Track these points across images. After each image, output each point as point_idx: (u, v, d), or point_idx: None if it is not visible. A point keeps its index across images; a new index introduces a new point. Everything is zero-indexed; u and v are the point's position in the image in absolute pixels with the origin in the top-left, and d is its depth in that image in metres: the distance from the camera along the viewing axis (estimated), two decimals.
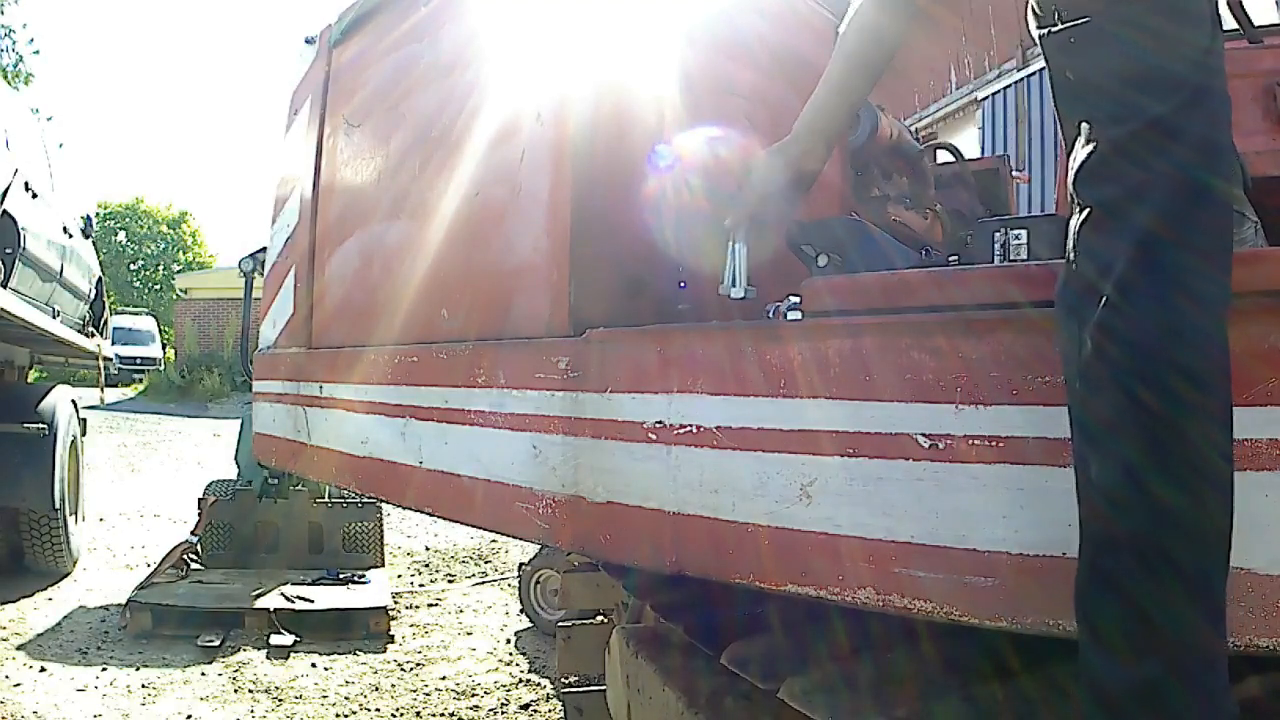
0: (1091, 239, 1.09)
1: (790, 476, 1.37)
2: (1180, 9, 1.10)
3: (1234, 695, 1.03)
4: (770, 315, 1.58)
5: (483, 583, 6.25)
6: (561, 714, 3.61)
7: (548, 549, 4.40)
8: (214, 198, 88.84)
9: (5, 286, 4.85)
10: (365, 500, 5.75)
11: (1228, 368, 1.01)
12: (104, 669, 4.24)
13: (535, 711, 4.00)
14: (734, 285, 1.59)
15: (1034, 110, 8.83)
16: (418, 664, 4.55)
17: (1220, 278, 1.04)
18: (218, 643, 4.59)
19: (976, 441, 1.20)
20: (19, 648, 4.50)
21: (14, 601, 5.23)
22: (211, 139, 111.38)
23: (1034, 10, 1.24)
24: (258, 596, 4.99)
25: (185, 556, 5.47)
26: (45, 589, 5.56)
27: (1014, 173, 3.97)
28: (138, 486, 9.80)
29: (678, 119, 1.90)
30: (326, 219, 2.81)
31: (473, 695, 4.17)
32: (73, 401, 6.27)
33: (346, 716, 3.89)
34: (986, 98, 9.63)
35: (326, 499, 5.90)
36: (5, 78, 16.77)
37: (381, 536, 5.96)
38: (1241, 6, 2.24)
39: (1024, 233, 1.60)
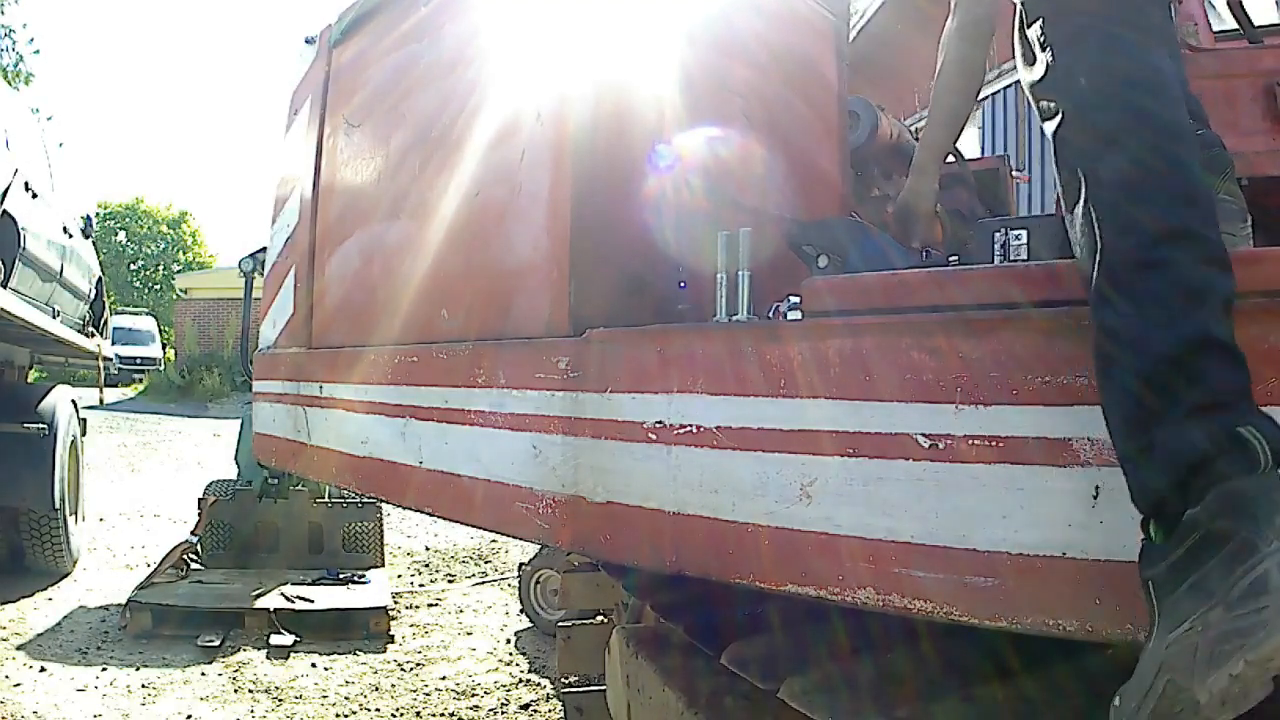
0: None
1: (790, 476, 1.37)
2: None
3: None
4: (770, 315, 1.58)
5: (483, 583, 6.25)
6: (561, 714, 3.61)
7: (548, 549, 4.40)
8: (214, 198, 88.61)
9: (5, 286, 4.85)
10: (365, 500, 5.75)
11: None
12: (104, 669, 4.25)
13: (535, 711, 4.00)
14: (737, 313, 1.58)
15: (1034, 110, 8.82)
16: (418, 664, 4.56)
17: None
18: (218, 643, 4.59)
19: (976, 441, 1.20)
20: (19, 648, 4.50)
21: (14, 601, 5.23)
22: (211, 139, 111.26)
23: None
24: (258, 596, 4.99)
25: (185, 556, 5.47)
26: (45, 589, 5.56)
27: (1014, 173, 3.96)
28: (138, 486, 9.80)
29: (678, 119, 1.90)
30: (326, 219, 2.81)
31: (473, 695, 4.17)
32: (73, 401, 6.27)
33: (346, 716, 3.89)
34: (986, 98, 9.62)
35: (326, 499, 5.90)
36: (5, 78, 16.77)
37: (381, 536, 5.97)
38: (1241, 6, 2.24)
39: (1024, 233, 1.59)
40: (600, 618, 2.97)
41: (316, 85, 2.96)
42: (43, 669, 4.21)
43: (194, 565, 5.53)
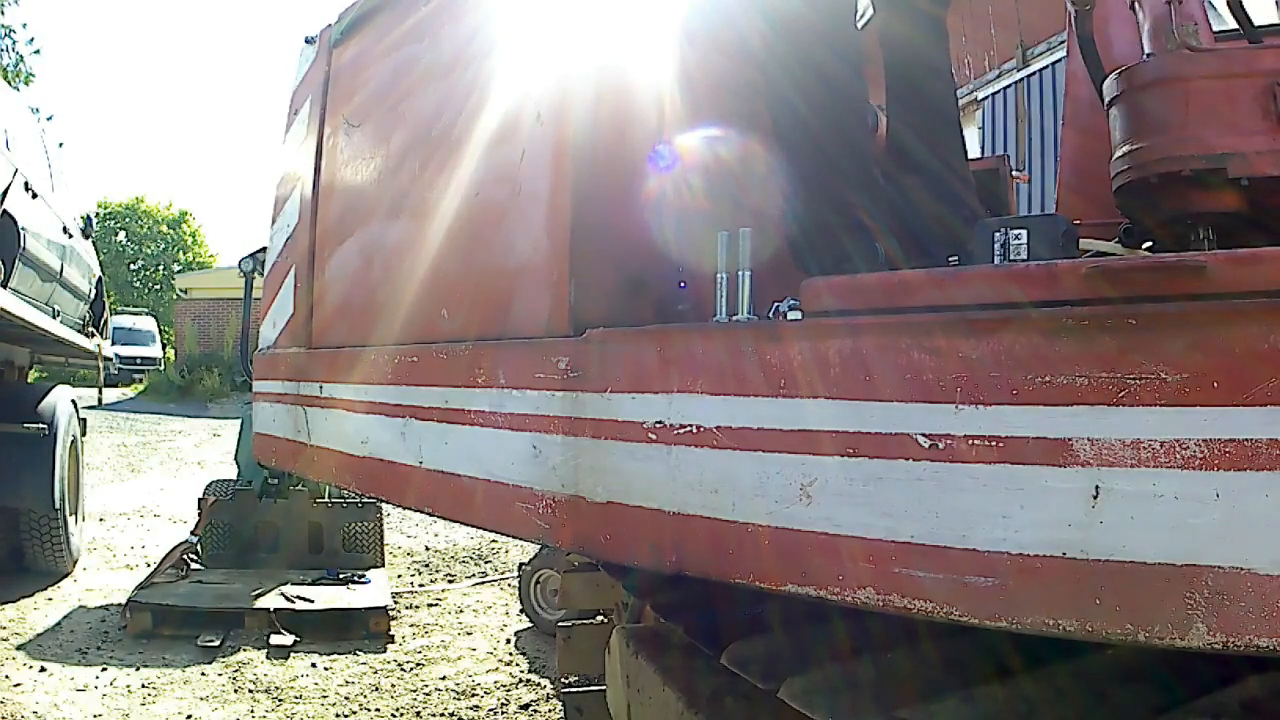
0: None
1: (790, 476, 1.37)
2: None
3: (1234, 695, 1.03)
4: (770, 315, 1.58)
5: (483, 583, 6.26)
6: (561, 714, 3.61)
7: (548, 549, 4.41)
8: (214, 198, 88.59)
9: (5, 286, 4.85)
10: (365, 500, 5.75)
11: None
12: (104, 669, 4.25)
13: (535, 711, 4.00)
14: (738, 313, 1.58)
15: (1034, 110, 8.83)
16: (418, 664, 4.56)
17: None
18: (218, 643, 4.60)
19: (976, 441, 1.20)
20: (19, 648, 4.50)
21: (14, 601, 5.23)
22: (211, 139, 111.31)
23: None
24: (258, 596, 5.00)
25: (185, 556, 5.48)
26: (45, 589, 5.56)
27: (1014, 173, 3.96)
28: (138, 486, 9.80)
29: (678, 119, 1.90)
30: (326, 219, 2.81)
31: (473, 695, 4.17)
32: (73, 401, 6.27)
33: (346, 716, 3.90)
34: (986, 98, 9.62)
35: (326, 499, 5.91)
36: (5, 78, 16.76)
37: (381, 536, 5.97)
38: (1241, 6, 2.23)
39: (1024, 233, 1.59)
40: (600, 618, 2.97)
41: (316, 85, 2.96)
42: (43, 669, 4.21)
43: (194, 565, 5.54)
